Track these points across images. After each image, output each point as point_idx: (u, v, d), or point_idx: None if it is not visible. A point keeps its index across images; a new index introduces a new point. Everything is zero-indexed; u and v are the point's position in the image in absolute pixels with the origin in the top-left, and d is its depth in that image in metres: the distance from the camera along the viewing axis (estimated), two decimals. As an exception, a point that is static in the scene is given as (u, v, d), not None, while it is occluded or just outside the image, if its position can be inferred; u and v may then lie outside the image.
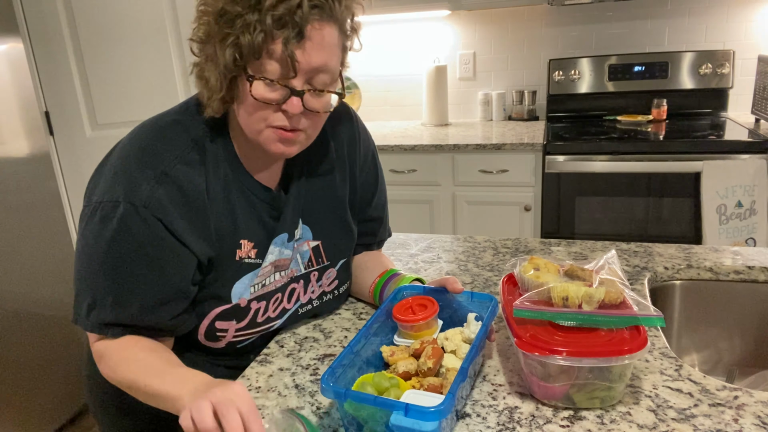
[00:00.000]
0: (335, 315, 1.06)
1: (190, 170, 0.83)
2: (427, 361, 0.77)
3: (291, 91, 0.78)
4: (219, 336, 0.91)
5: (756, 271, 1.12)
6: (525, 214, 2.50)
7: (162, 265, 0.81)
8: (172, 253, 0.81)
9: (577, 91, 2.80)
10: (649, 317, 0.75)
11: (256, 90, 0.78)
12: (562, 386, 0.74)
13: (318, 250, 1.00)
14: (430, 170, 2.55)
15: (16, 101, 2.10)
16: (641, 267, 1.16)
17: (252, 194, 0.90)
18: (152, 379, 0.77)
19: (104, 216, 0.80)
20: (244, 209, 0.89)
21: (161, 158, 0.81)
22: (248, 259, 0.90)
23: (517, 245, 1.32)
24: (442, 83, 2.89)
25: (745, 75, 2.66)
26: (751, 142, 2.18)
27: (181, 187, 0.81)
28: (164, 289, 0.82)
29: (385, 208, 1.13)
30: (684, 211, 2.29)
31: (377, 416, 0.68)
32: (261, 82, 0.78)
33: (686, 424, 0.71)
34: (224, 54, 0.76)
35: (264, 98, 0.79)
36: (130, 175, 0.80)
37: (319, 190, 0.99)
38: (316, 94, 0.81)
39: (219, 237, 0.86)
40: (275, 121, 0.81)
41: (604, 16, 2.78)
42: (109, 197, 0.80)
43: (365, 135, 1.07)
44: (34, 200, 2.17)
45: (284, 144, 0.83)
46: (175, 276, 0.82)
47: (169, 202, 0.80)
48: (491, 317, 0.84)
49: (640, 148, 2.28)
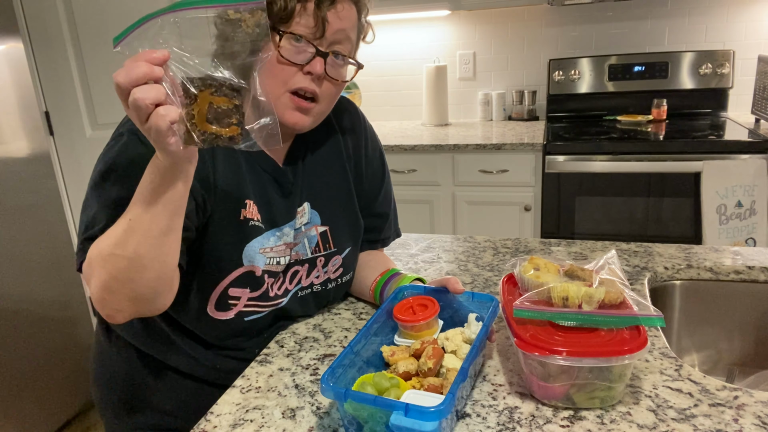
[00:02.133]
0: (335, 315, 1.06)
1: None
2: (427, 362, 0.77)
3: (316, 51, 0.82)
4: (231, 304, 0.91)
5: (756, 271, 1.12)
6: (525, 214, 2.50)
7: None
8: None
9: (577, 91, 2.80)
10: (649, 317, 0.75)
11: (283, 46, 0.80)
12: (562, 386, 0.74)
13: (326, 236, 1.01)
14: (430, 170, 2.55)
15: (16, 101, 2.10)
16: (641, 267, 1.16)
17: (257, 163, 0.91)
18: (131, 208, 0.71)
19: (108, 147, 0.81)
20: (250, 173, 0.90)
21: None
22: (254, 222, 0.90)
23: (517, 245, 1.32)
24: (442, 83, 2.89)
25: (745, 75, 2.66)
26: (751, 142, 2.18)
27: None
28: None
29: (392, 205, 1.14)
30: (684, 211, 2.29)
31: (377, 416, 0.68)
32: (287, 40, 0.81)
33: (686, 424, 0.71)
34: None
35: (289, 56, 0.81)
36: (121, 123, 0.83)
37: (327, 177, 1.00)
38: (338, 61, 0.86)
39: (224, 192, 0.87)
40: (297, 83, 0.83)
41: (604, 16, 2.78)
42: (116, 133, 0.82)
43: (372, 133, 1.11)
44: (34, 200, 2.17)
45: (301, 112, 0.85)
46: None
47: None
48: (492, 318, 0.84)
49: (640, 148, 2.28)
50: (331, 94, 0.88)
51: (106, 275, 0.72)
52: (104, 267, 0.72)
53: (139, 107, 0.59)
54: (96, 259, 0.73)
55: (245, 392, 0.84)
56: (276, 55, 0.81)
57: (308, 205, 0.98)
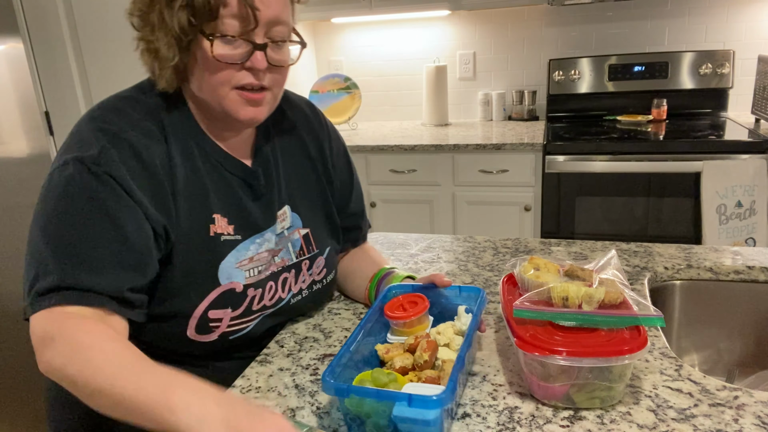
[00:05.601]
0: (335, 315, 1.06)
1: (147, 140, 0.79)
2: (423, 354, 0.77)
3: (253, 45, 0.77)
4: (212, 327, 0.86)
5: (756, 271, 1.12)
6: (525, 214, 2.50)
7: (119, 223, 0.74)
8: (129, 212, 0.75)
9: (577, 91, 2.80)
10: (649, 317, 0.75)
11: (217, 50, 0.75)
12: (562, 386, 0.74)
13: (308, 238, 0.99)
14: (430, 170, 2.55)
15: (16, 101, 2.10)
16: (641, 267, 1.16)
17: (223, 167, 0.86)
18: (128, 379, 0.62)
19: (51, 180, 0.75)
20: (215, 182, 0.85)
21: (114, 125, 0.78)
22: (227, 236, 0.86)
23: (517, 245, 1.32)
24: (442, 83, 2.89)
25: (745, 75, 2.66)
26: (751, 142, 2.18)
27: (137, 151, 0.77)
28: (122, 249, 0.74)
29: (362, 199, 1.12)
30: (684, 211, 2.29)
31: (380, 410, 0.68)
32: (220, 41, 0.75)
33: (686, 424, 0.71)
34: (175, 18, 0.73)
35: (226, 57, 0.76)
36: (80, 140, 0.76)
37: (299, 178, 0.98)
38: (278, 46, 0.80)
39: (189, 210, 0.82)
40: (241, 80, 0.78)
41: (604, 16, 2.78)
42: (59, 163, 0.75)
43: (334, 130, 1.07)
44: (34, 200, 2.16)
45: (253, 106, 0.81)
46: (136, 237, 0.75)
47: (121, 163, 0.75)
48: (481, 308, 0.85)
49: (640, 148, 2.28)
50: (278, 80, 0.83)
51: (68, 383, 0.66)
52: (65, 376, 0.66)
53: None
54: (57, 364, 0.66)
55: (245, 392, 0.84)
56: (212, 60, 0.76)
57: (288, 208, 0.95)
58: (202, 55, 0.77)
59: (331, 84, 3.03)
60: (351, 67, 3.16)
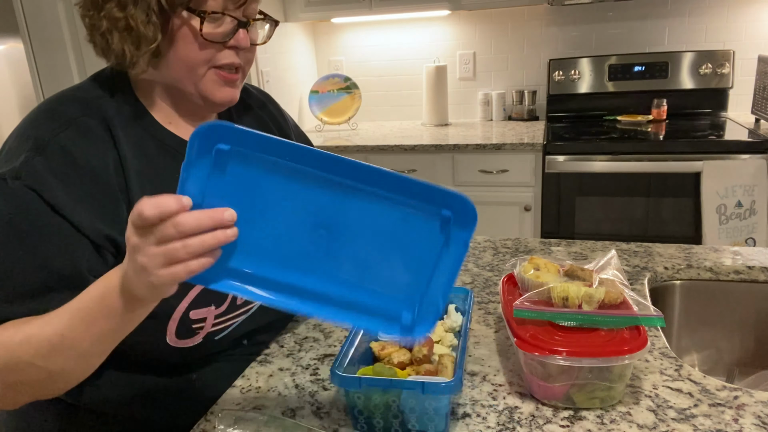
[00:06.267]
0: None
1: (84, 140, 0.72)
2: (422, 349, 0.78)
3: (239, 22, 0.74)
4: (196, 329, 0.80)
5: (756, 271, 1.12)
6: (525, 214, 2.50)
7: (35, 244, 0.67)
8: (51, 230, 0.68)
9: (577, 91, 2.80)
10: (649, 317, 0.75)
11: (205, 27, 0.71)
12: (562, 386, 0.74)
13: None
14: (430, 170, 2.55)
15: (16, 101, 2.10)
16: (641, 267, 1.16)
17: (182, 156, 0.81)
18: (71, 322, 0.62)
19: None
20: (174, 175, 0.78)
21: (43, 128, 0.71)
22: None
23: (517, 245, 1.32)
24: (442, 83, 2.89)
25: (745, 75, 2.66)
26: (751, 142, 2.18)
27: (69, 155, 0.70)
28: (40, 275, 0.67)
29: None
30: (684, 211, 2.29)
31: (389, 401, 0.69)
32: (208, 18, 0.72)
33: (686, 424, 0.71)
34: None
35: (213, 35, 0.72)
36: (8, 152, 0.70)
37: None
38: (258, 24, 0.78)
39: None
40: (223, 59, 0.75)
41: (604, 16, 2.78)
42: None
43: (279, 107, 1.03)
44: (34, 200, 2.17)
45: (230, 87, 0.77)
46: (56, 259, 0.68)
47: (48, 172, 0.68)
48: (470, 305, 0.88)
49: (640, 148, 2.28)
50: (250, 60, 0.80)
51: (13, 378, 0.63)
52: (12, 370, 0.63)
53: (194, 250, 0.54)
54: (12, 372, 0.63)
55: (245, 392, 0.84)
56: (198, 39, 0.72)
57: None
58: (183, 33, 0.72)
59: (331, 84, 3.03)
60: (351, 67, 3.16)
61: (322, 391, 0.82)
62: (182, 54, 0.73)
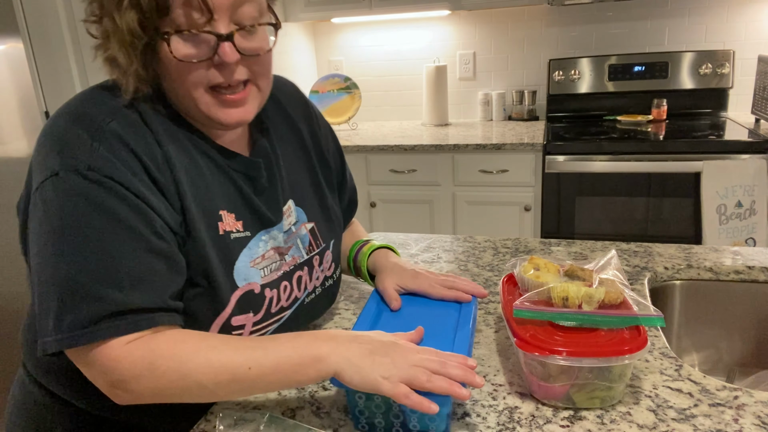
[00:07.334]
0: (335, 315, 1.06)
1: (133, 129, 0.70)
2: None
3: (217, 37, 0.67)
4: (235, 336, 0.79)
5: (756, 271, 1.12)
6: (525, 214, 2.50)
7: (132, 225, 0.66)
8: (139, 211, 0.67)
9: (577, 91, 2.80)
10: (649, 317, 0.75)
11: (176, 49, 0.67)
12: (562, 386, 0.74)
13: (315, 233, 0.92)
14: (430, 170, 2.55)
15: (16, 101, 2.10)
16: (641, 267, 1.16)
17: (226, 165, 0.78)
18: (263, 356, 0.66)
19: (45, 198, 0.65)
20: (216, 176, 0.77)
21: (93, 117, 0.68)
22: (236, 233, 0.78)
23: (517, 245, 1.32)
24: (442, 83, 2.89)
25: (745, 75, 2.66)
26: (751, 142, 2.18)
27: (126, 141, 0.68)
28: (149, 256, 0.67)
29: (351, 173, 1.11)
30: (684, 211, 2.29)
31: (390, 401, 0.69)
32: (178, 38, 0.67)
33: (686, 424, 0.71)
34: (125, 20, 0.65)
35: (189, 56, 0.67)
36: (61, 145, 0.67)
37: (300, 171, 0.92)
38: (247, 32, 0.70)
39: (196, 207, 0.73)
40: (213, 80, 0.70)
41: (604, 16, 2.78)
42: (45, 176, 0.66)
43: (315, 108, 1.01)
44: (34, 200, 2.16)
45: (234, 107, 0.72)
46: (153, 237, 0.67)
47: (115, 158, 0.66)
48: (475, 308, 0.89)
49: (640, 148, 2.28)
50: (261, 69, 0.74)
51: (170, 391, 0.66)
52: (179, 386, 0.65)
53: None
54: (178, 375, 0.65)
55: (245, 392, 0.84)
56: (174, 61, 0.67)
57: (292, 202, 0.89)
58: (164, 58, 0.68)
59: (331, 84, 3.03)
60: (351, 67, 3.16)
61: (322, 391, 0.82)
62: (172, 78, 0.70)
